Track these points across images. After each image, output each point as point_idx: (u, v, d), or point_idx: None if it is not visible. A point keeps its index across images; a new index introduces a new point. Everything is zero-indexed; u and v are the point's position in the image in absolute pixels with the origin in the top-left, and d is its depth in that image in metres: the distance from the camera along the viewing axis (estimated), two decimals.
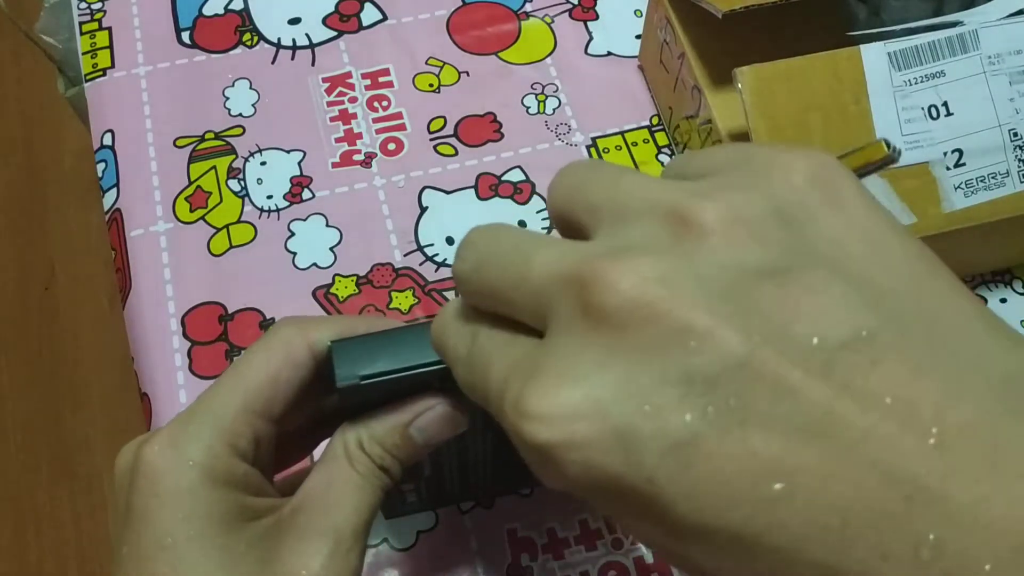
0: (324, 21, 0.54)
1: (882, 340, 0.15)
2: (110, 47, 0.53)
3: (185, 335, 0.43)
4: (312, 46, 0.53)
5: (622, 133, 0.51)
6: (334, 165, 0.49)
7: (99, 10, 0.54)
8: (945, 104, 0.38)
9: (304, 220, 0.47)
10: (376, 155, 0.49)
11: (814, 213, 0.17)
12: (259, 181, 0.48)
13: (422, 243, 0.46)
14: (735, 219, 0.17)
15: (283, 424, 0.26)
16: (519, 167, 0.49)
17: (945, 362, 0.15)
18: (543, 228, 0.47)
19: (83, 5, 0.54)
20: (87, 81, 0.52)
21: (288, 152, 0.49)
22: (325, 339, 0.26)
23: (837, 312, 0.15)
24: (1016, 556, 0.13)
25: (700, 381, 0.15)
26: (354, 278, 0.45)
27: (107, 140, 0.49)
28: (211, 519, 0.24)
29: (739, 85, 0.38)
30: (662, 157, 0.50)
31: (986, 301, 0.46)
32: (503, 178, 0.49)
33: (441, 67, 0.53)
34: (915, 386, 0.15)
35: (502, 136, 0.50)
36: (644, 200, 0.18)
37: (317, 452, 0.31)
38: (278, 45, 0.53)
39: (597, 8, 0.55)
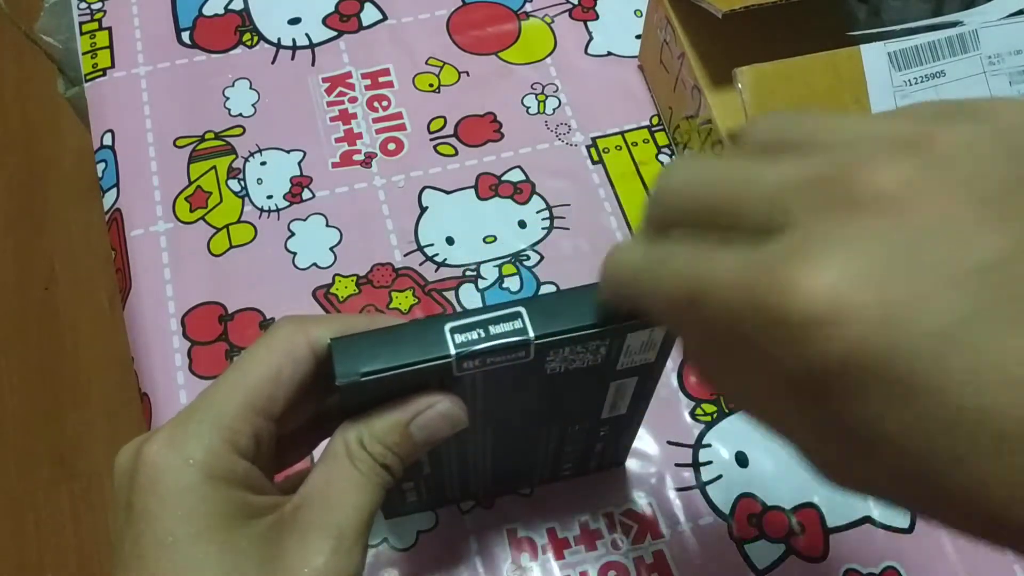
0: (324, 21, 0.54)
1: None
2: (110, 47, 0.53)
3: (185, 335, 0.43)
4: (312, 46, 0.53)
5: (622, 133, 0.51)
6: (334, 165, 0.49)
7: (99, 10, 0.54)
8: None
9: (304, 220, 0.47)
10: (376, 155, 0.49)
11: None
12: (259, 181, 0.48)
13: (422, 243, 0.46)
14: (977, 138, 0.17)
15: (284, 423, 0.26)
16: (519, 167, 0.49)
17: None
18: (543, 229, 0.47)
19: (83, 5, 0.54)
20: (87, 81, 0.52)
21: (288, 152, 0.49)
22: (325, 337, 0.26)
23: None
24: None
25: (968, 273, 0.16)
26: (354, 278, 0.45)
27: (107, 140, 0.49)
28: (212, 517, 0.23)
29: (739, 85, 0.38)
30: (662, 157, 0.50)
31: None
32: (503, 178, 0.49)
33: (441, 67, 0.53)
34: None
35: (502, 136, 0.50)
36: (877, 131, 0.18)
37: (317, 452, 0.31)
38: (278, 45, 0.53)
39: (597, 8, 0.55)
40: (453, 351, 0.25)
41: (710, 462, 0.41)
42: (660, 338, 0.27)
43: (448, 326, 0.25)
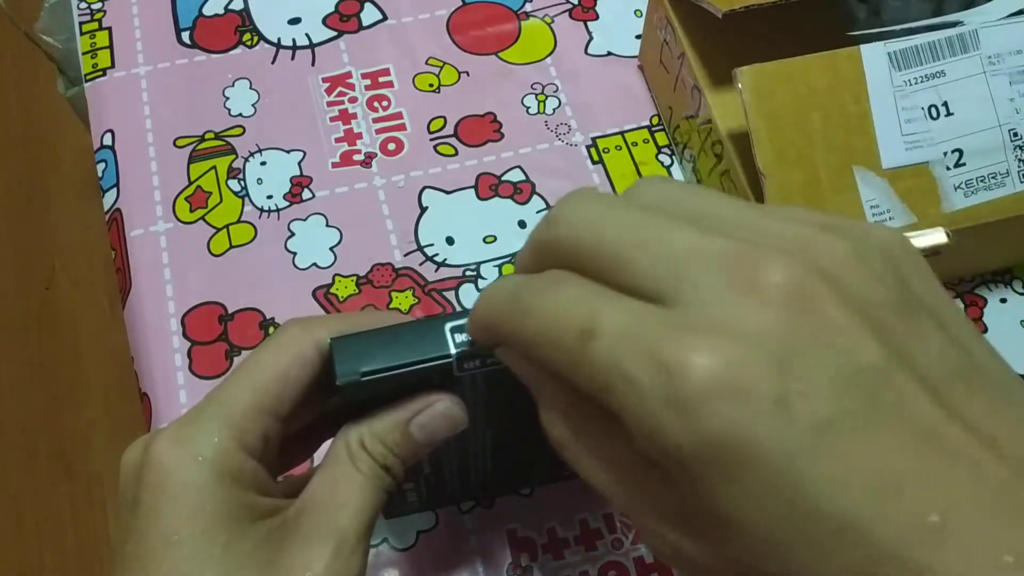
0: (324, 21, 0.54)
1: (974, 382, 0.18)
2: (110, 47, 0.53)
3: (185, 335, 0.43)
4: (312, 46, 0.53)
5: (622, 133, 0.51)
6: (334, 165, 0.49)
7: (99, 10, 0.54)
8: (945, 104, 0.38)
9: (304, 220, 0.47)
10: (376, 155, 0.49)
11: (909, 272, 0.19)
12: (259, 181, 0.48)
13: (422, 243, 0.46)
14: (860, 258, 0.19)
15: (289, 424, 0.26)
16: (519, 167, 0.49)
17: (1013, 404, 0.18)
18: None
19: (83, 5, 0.54)
20: (87, 81, 0.52)
21: (288, 152, 0.49)
22: (329, 337, 0.26)
23: (945, 353, 0.18)
24: None
25: (847, 375, 0.17)
26: (354, 278, 0.45)
27: (107, 140, 0.49)
28: (218, 517, 0.24)
29: (739, 85, 0.38)
30: (662, 157, 0.50)
31: (986, 302, 0.46)
32: (503, 178, 0.49)
33: (441, 67, 0.53)
34: (996, 420, 0.18)
35: (502, 136, 0.50)
36: (769, 226, 0.19)
37: (319, 455, 0.31)
38: (278, 45, 0.53)
39: (597, 8, 0.55)
40: (453, 351, 0.25)
41: None
42: None
43: (448, 325, 0.25)
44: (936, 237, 0.24)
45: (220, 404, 0.25)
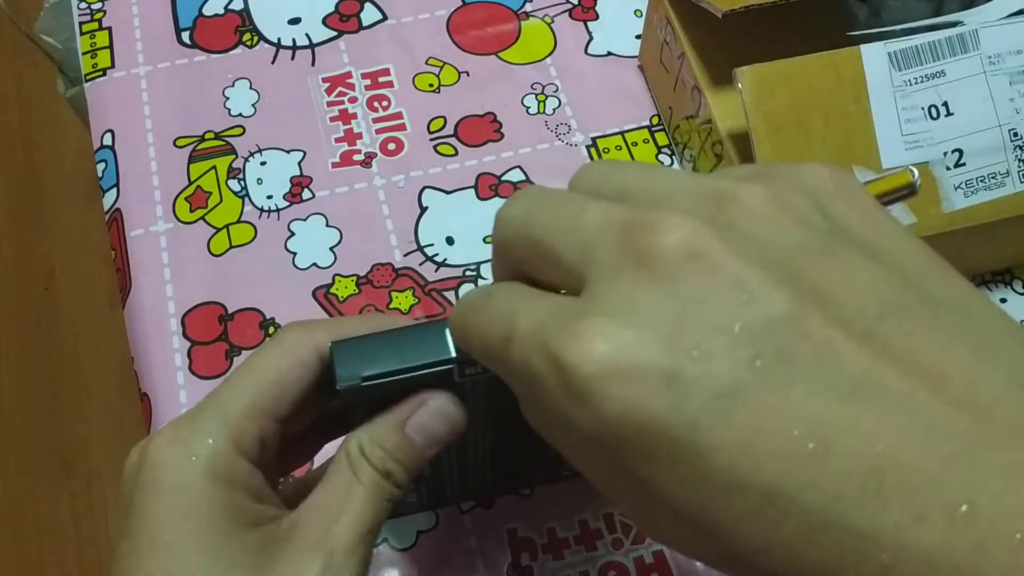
0: (324, 21, 0.54)
1: (916, 315, 0.16)
2: (110, 47, 0.53)
3: (185, 335, 0.43)
4: (312, 46, 0.53)
5: (622, 133, 0.51)
6: (334, 165, 0.49)
7: (99, 10, 0.54)
8: (945, 104, 0.38)
9: (304, 220, 0.47)
10: (376, 155, 0.49)
11: (842, 208, 0.18)
12: (259, 181, 0.48)
13: (422, 243, 0.46)
14: (778, 202, 0.18)
15: (288, 426, 0.26)
16: (519, 167, 0.49)
17: (971, 338, 0.16)
18: None
19: (83, 5, 0.54)
20: (87, 81, 0.52)
21: (288, 152, 0.49)
22: (330, 340, 0.26)
23: (876, 288, 0.16)
24: None
25: (749, 333, 0.16)
26: (354, 278, 0.45)
27: (107, 140, 0.49)
28: (210, 519, 0.23)
29: (739, 85, 0.38)
30: (662, 157, 0.50)
31: None
32: (503, 178, 0.49)
33: (441, 67, 0.53)
34: (946, 357, 0.16)
35: (502, 136, 0.50)
36: (685, 187, 0.19)
37: (319, 458, 0.31)
38: (278, 45, 0.53)
39: (597, 8, 0.55)
40: (454, 354, 0.25)
41: None
42: None
43: (449, 329, 0.25)
44: (898, 178, 0.23)
45: (217, 405, 0.25)
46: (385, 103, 0.51)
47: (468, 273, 0.45)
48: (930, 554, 0.14)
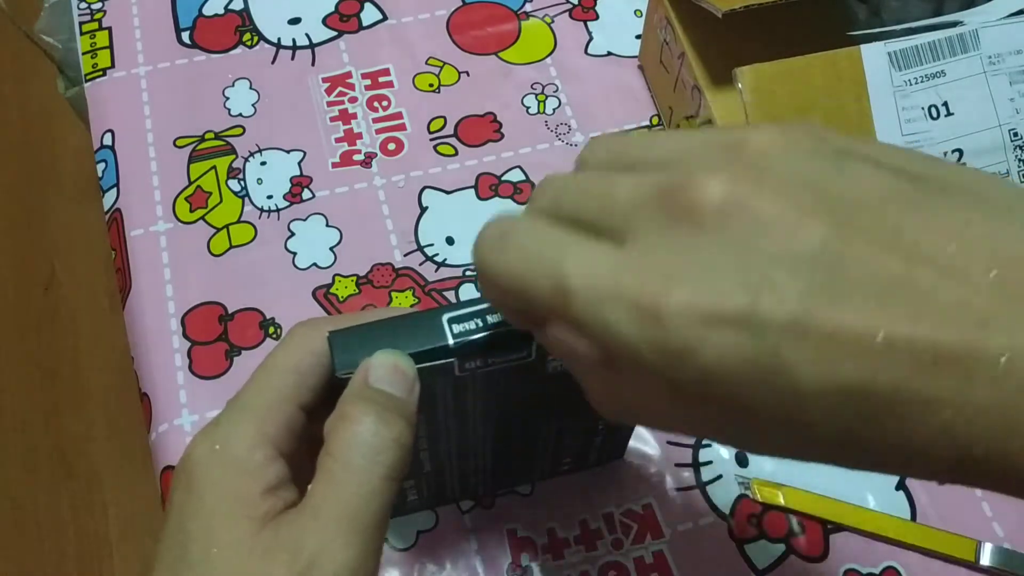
0: (324, 21, 0.54)
1: (929, 206, 0.18)
2: (110, 47, 0.53)
3: (185, 335, 0.43)
4: (312, 46, 0.53)
5: (622, 133, 0.51)
6: (334, 165, 0.49)
7: (99, 10, 0.54)
8: (945, 104, 0.38)
9: (304, 220, 0.47)
10: (376, 155, 0.49)
11: (835, 136, 0.20)
12: (259, 181, 0.48)
13: (422, 243, 0.46)
14: (784, 138, 0.20)
15: (313, 420, 0.26)
16: (519, 167, 0.49)
17: (985, 212, 0.18)
18: None
19: (83, 5, 0.54)
20: (87, 81, 0.52)
21: (288, 152, 0.49)
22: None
23: (890, 190, 0.19)
24: None
25: (801, 261, 0.18)
26: (354, 278, 0.45)
27: (107, 140, 0.49)
28: (245, 510, 0.23)
29: (739, 85, 0.38)
30: None
31: None
32: (503, 178, 0.49)
33: (441, 67, 0.53)
34: (968, 234, 0.18)
35: (502, 136, 0.50)
36: (694, 146, 0.21)
37: None
38: (278, 45, 0.53)
39: (597, 8, 0.55)
40: (452, 341, 0.25)
41: (710, 462, 0.41)
42: None
43: (446, 316, 0.25)
44: None
45: (241, 404, 0.26)
46: (385, 103, 0.51)
47: (468, 273, 0.45)
48: (981, 403, 0.16)
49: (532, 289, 0.21)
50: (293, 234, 0.47)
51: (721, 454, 0.41)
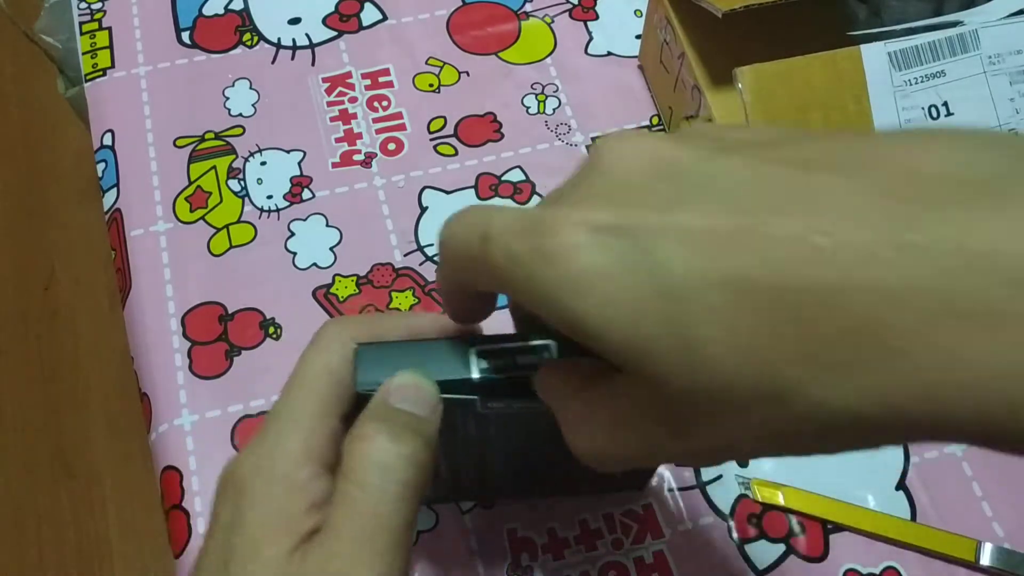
0: (324, 21, 0.54)
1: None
2: (110, 47, 0.53)
3: (185, 335, 0.43)
4: (312, 46, 0.53)
5: None
6: (334, 165, 0.49)
7: (99, 10, 0.54)
8: (945, 104, 0.38)
9: (304, 220, 0.47)
10: (376, 155, 0.49)
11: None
12: (259, 181, 0.48)
13: (422, 243, 0.46)
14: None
15: (345, 431, 0.26)
16: (519, 167, 0.49)
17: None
18: None
19: (83, 5, 0.54)
20: (87, 81, 0.52)
21: (288, 152, 0.49)
22: (361, 338, 0.26)
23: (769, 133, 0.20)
24: None
25: (657, 183, 0.19)
26: (354, 278, 0.45)
27: (107, 140, 0.49)
28: (285, 532, 0.23)
29: (739, 85, 0.38)
30: None
31: None
32: (503, 178, 0.49)
33: (441, 67, 0.53)
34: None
35: (502, 136, 0.50)
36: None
37: None
38: (278, 45, 0.53)
39: (597, 8, 0.55)
40: (476, 375, 0.24)
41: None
42: None
43: (475, 349, 0.25)
44: None
45: (287, 413, 0.25)
46: (385, 103, 0.51)
47: None
48: (936, 287, 0.15)
49: (465, 245, 0.22)
50: (293, 234, 0.47)
51: None
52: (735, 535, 0.39)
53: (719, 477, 0.40)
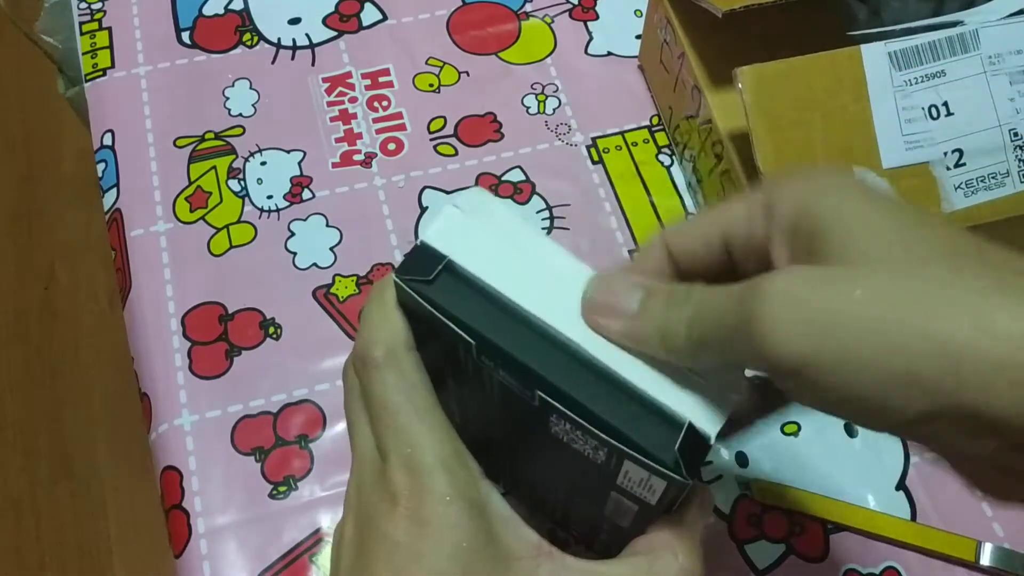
0: (324, 21, 0.54)
1: None
2: (110, 47, 0.53)
3: (185, 335, 0.43)
4: (312, 46, 0.53)
5: (622, 133, 0.51)
6: (334, 165, 0.49)
7: (99, 10, 0.54)
8: (945, 104, 0.38)
9: (304, 220, 0.47)
10: (376, 155, 0.49)
11: None
12: (259, 181, 0.48)
13: None
14: None
15: None
16: (519, 167, 0.49)
17: None
18: (543, 229, 0.47)
19: (83, 5, 0.54)
20: (87, 81, 0.51)
21: (288, 152, 0.49)
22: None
23: None
24: None
25: None
26: (354, 278, 0.45)
27: (107, 140, 0.49)
28: (475, 558, 0.24)
29: (739, 85, 0.38)
30: (662, 157, 0.50)
31: None
32: (503, 178, 0.49)
33: (441, 67, 0.53)
34: None
35: (502, 136, 0.50)
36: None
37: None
38: (278, 45, 0.53)
39: (597, 8, 0.55)
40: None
41: (710, 462, 0.41)
42: (661, 488, 0.25)
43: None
44: None
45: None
46: (385, 103, 0.51)
47: None
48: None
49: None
50: (293, 234, 0.47)
51: (721, 454, 0.41)
52: (735, 535, 0.39)
53: (719, 477, 0.40)
